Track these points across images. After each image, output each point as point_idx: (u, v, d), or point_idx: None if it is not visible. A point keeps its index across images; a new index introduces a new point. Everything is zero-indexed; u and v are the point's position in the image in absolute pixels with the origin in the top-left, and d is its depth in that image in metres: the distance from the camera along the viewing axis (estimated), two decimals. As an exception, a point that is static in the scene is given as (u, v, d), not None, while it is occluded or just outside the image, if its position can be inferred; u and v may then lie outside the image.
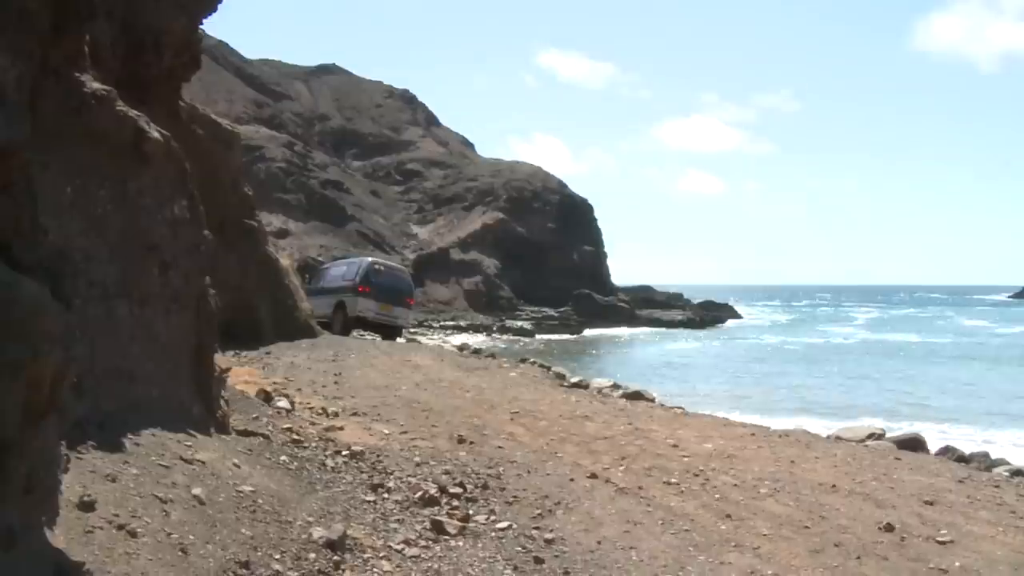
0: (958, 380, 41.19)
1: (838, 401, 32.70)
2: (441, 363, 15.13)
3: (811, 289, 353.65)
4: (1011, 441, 23.82)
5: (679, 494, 7.78)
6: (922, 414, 28.98)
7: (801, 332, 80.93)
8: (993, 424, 27.22)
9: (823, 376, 42.67)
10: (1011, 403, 32.91)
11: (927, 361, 51.88)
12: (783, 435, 11.05)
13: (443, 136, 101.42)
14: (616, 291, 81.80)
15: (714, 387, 36.41)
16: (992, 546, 6.83)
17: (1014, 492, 8.74)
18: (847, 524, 7.21)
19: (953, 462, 10.77)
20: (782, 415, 25.67)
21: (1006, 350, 61.46)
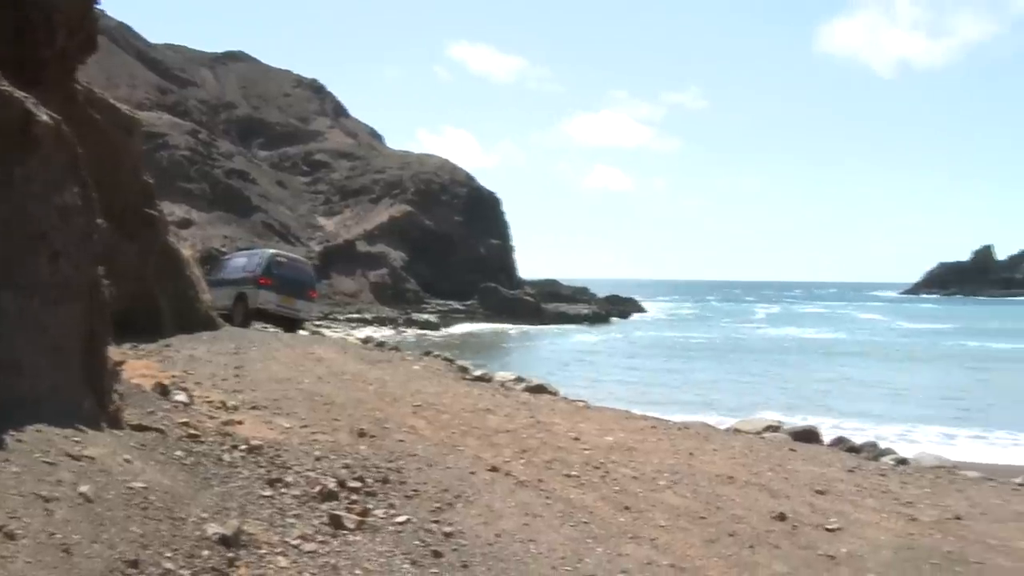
0: (853, 374, 42.48)
1: (738, 395, 33.42)
2: (344, 356, 14.98)
3: (715, 284, 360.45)
4: (899, 433, 24.69)
5: (579, 487, 7.85)
6: (818, 407, 29.80)
7: (704, 327, 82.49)
8: (884, 416, 28.14)
9: (724, 370, 43.54)
10: (901, 396, 34.09)
11: (824, 355, 53.33)
12: (683, 428, 11.24)
13: (351, 127, 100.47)
14: (522, 284, 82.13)
15: (617, 381, 36.86)
16: (877, 532, 7.07)
17: (898, 480, 9.07)
18: (742, 514, 7.38)
19: (844, 452, 11.12)
20: (683, 409, 26.13)
21: (897, 346, 63.62)
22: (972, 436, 25.15)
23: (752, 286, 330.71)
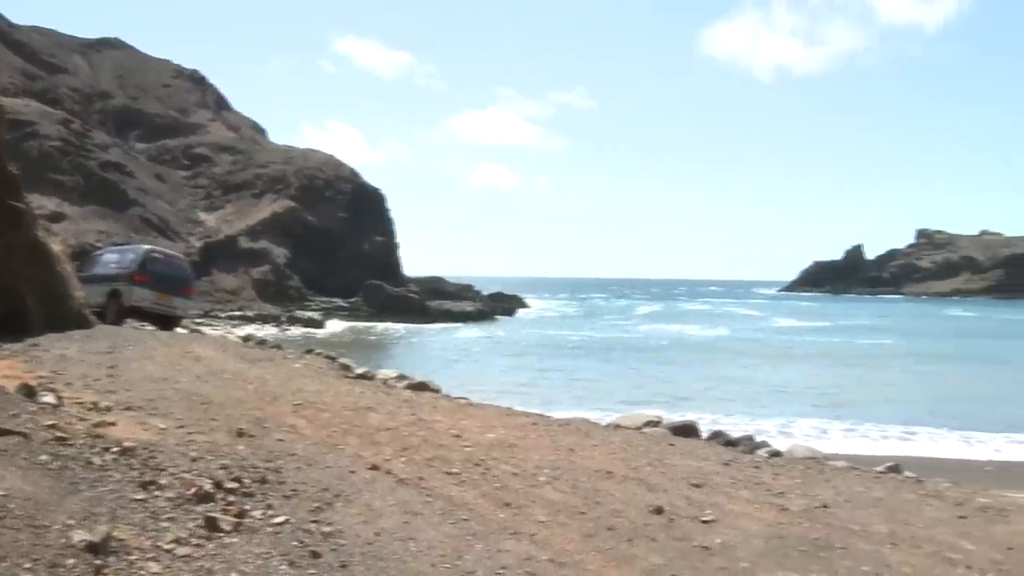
0: (733, 371, 43.65)
1: (620, 391, 33.99)
2: (224, 354, 14.68)
3: (600, 282, 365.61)
4: (776, 427, 25.54)
5: (459, 484, 7.87)
6: (698, 403, 30.55)
7: (588, 324, 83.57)
8: (762, 411, 29.04)
9: (607, 367, 44.23)
10: (778, 392, 35.21)
11: (706, 352, 54.67)
12: (563, 424, 11.37)
13: (234, 120, 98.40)
14: (407, 282, 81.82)
15: (500, 378, 37.11)
16: (749, 522, 7.29)
17: (771, 472, 9.37)
18: (621, 508, 7.51)
19: (721, 446, 11.42)
20: (565, 405, 26.48)
21: (774, 343, 65.61)
22: (844, 429, 26.19)
23: (637, 284, 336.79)
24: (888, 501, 8.39)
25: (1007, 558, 6.61)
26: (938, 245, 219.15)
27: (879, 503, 8.28)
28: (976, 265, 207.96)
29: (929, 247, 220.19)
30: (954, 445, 24.33)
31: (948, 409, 30.40)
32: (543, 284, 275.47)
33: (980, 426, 26.71)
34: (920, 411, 29.93)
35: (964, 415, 28.78)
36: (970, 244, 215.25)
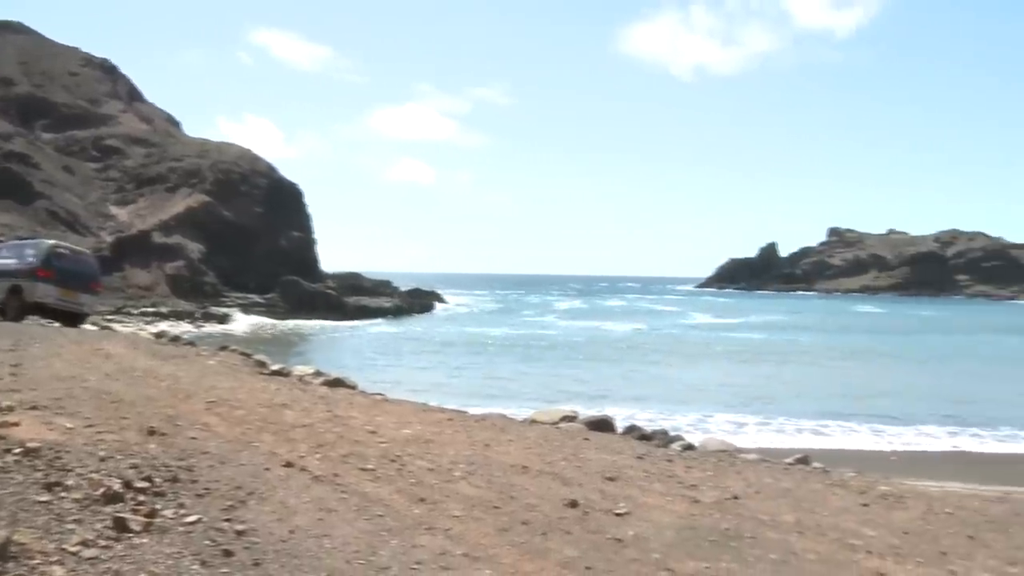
0: (651, 366, 44.21)
1: (538, 386, 34.18)
2: (135, 351, 14.39)
3: (519, 279, 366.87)
4: (691, 421, 25.98)
5: (375, 480, 7.85)
6: (615, 398, 30.89)
7: (506, 320, 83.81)
8: (679, 406, 29.48)
9: (524, 363, 44.42)
10: (696, 387, 35.76)
11: (625, 348, 55.23)
12: (480, 419, 11.42)
13: (147, 112, 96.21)
14: (325, 278, 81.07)
15: (416, 374, 37.04)
16: (662, 514, 7.41)
17: (684, 465, 9.53)
18: (535, 502, 7.57)
19: (636, 440, 11.58)
20: (482, 400, 26.53)
21: (690, 339, 66.59)
22: (758, 423, 26.76)
23: (556, 280, 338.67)
24: (796, 491, 8.62)
25: (904, 542, 6.85)
26: (848, 243, 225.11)
27: (787, 493, 8.49)
28: (884, 263, 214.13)
29: (840, 245, 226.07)
30: (864, 437, 25.04)
31: (859, 403, 31.26)
32: (462, 280, 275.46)
33: (890, 419, 27.53)
34: (833, 405, 30.71)
35: (875, 408, 29.63)
36: (878, 243, 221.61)
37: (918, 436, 25.46)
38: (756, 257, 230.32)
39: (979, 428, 26.54)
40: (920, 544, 6.81)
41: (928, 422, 27.36)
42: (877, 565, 6.25)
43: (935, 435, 25.61)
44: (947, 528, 7.42)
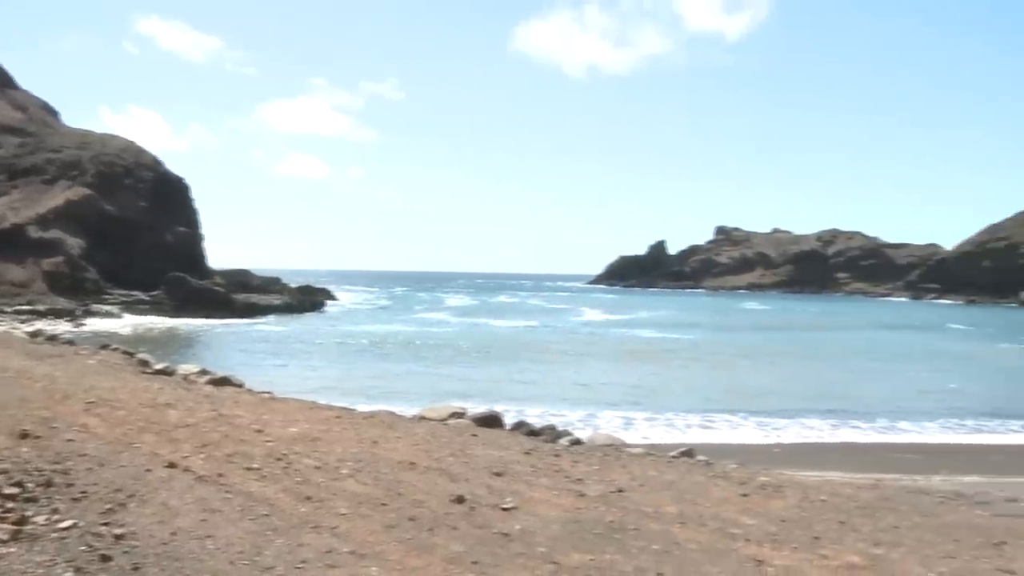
0: (542, 362, 44.54)
1: (428, 384, 34.12)
2: (7, 351, 13.90)
3: (411, 275, 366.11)
4: (580, 417, 26.28)
5: (260, 479, 7.76)
6: (506, 394, 31.01)
7: (398, 318, 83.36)
8: (570, 402, 29.76)
9: (416, 360, 44.27)
10: (583, 383, 36.16)
11: (516, 345, 55.45)
12: (368, 417, 11.37)
13: (21, 100, 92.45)
14: (212, 274, 79.35)
15: (306, 372, 36.62)
16: (548, 508, 7.51)
17: (571, 459, 9.66)
18: (423, 499, 7.58)
19: (523, 436, 11.68)
20: (371, 398, 26.38)
21: (581, 335, 67.37)
22: (646, 418, 27.19)
23: (448, 277, 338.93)
24: (679, 483, 8.83)
25: (780, 529, 7.09)
26: (735, 242, 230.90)
27: (671, 486, 8.69)
28: (769, 261, 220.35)
29: (727, 244, 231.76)
30: (749, 431, 25.68)
31: (745, 398, 32.04)
32: (353, 277, 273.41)
33: (774, 413, 28.32)
34: (720, 401, 31.40)
35: (760, 403, 30.43)
36: (764, 241, 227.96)
37: (801, 429, 26.26)
38: (646, 255, 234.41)
39: (858, 420, 27.52)
40: (795, 531, 7.06)
41: (811, 415, 28.25)
42: (755, 552, 6.46)
43: (817, 428, 26.46)
44: (821, 515, 7.70)
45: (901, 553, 6.53)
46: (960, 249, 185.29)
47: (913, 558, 6.41)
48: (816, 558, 6.34)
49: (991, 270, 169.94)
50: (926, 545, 6.80)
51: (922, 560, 6.36)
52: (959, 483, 17.79)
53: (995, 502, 15.00)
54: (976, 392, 36.29)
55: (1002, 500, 15.40)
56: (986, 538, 7.09)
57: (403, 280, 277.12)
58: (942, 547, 6.75)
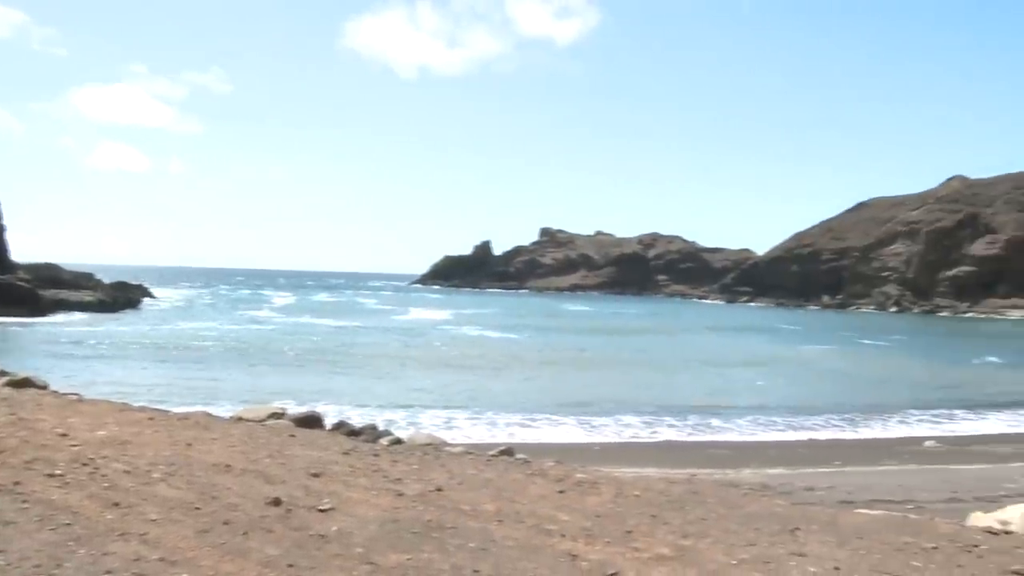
0: (367, 361, 44.22)
1: (249, 384, 33.36)
2: None
3: (235, 272, 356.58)
4: (401, 417, 26.29)
5: (63, 486, 7.38)
6: (329, 394, 30.66)
7: (219, 316, 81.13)
8: (389, 402, 29.69)
9: (237, 360, 43.19)
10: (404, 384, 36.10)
11: (339, 344, 54.78)
12: (183, 418, 11.00)
13: None
14: (16, 268, 74.90)
15: (118, 372, 35.19)
16: (366, 509, 7.46)
17: (390, 459, 9.64)
18: (237, 502, 7.39)
19: (343, 436, 11.57)
20: (188, 399, 25.59)
21: (409, 335, 67.23)
22: (469, 417, 27.46)
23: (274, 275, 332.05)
24: (497, 481, 8.93)
25: (595, 524, 7.28)
26: (559, 243, 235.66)
27: (489, 484, 8.79)
28: (592, 262, 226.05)
29: (551, 245, 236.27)
30: (570, 430, 26.27)
31: (568, 397, 32.73)
32: (175, 274, 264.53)
33: (595, 412, 29.07)
34: (542, 400, 31.96)
35: (583, 402, 31.14)
36: (586, 243, 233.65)
37: (620, 427, 27.10)
38: (471, 255, 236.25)
39: (674, 419, 28.61)
40: (609, 525, 7.26)
41: (628, 414, 29.17)
42: (569, 547, 6.60)
43: (636, 426, 27.35)
44: (634, 509, 7.95)
45: (707, 543, 6.82)
46: (770, 255, 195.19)
47: (718, 547, 6.70)
48: (628, 551, 6.54)
49: (798, 275, 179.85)
50: (730, 534, 7.12)
51: (726, 549, 6.66)
52: (766, 475, 18.80)
53: (796, 491, 15.94)
54: (782, 391, 38.34)
55: (801, 489, 16.39)
56: (783, 525, 7.48)
57: (227, 277, 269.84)
58: (744, 535, 7.09)
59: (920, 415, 31.63)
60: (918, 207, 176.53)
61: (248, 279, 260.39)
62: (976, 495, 15.58)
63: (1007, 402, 36.59)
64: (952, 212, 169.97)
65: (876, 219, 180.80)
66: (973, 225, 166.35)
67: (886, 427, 28.93)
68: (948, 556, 6.67)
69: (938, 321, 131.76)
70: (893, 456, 22.71)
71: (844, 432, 27.75)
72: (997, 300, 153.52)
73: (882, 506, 12.48)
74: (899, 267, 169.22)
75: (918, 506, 13.79)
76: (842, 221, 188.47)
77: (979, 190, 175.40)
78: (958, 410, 33.32)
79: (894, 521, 7.90)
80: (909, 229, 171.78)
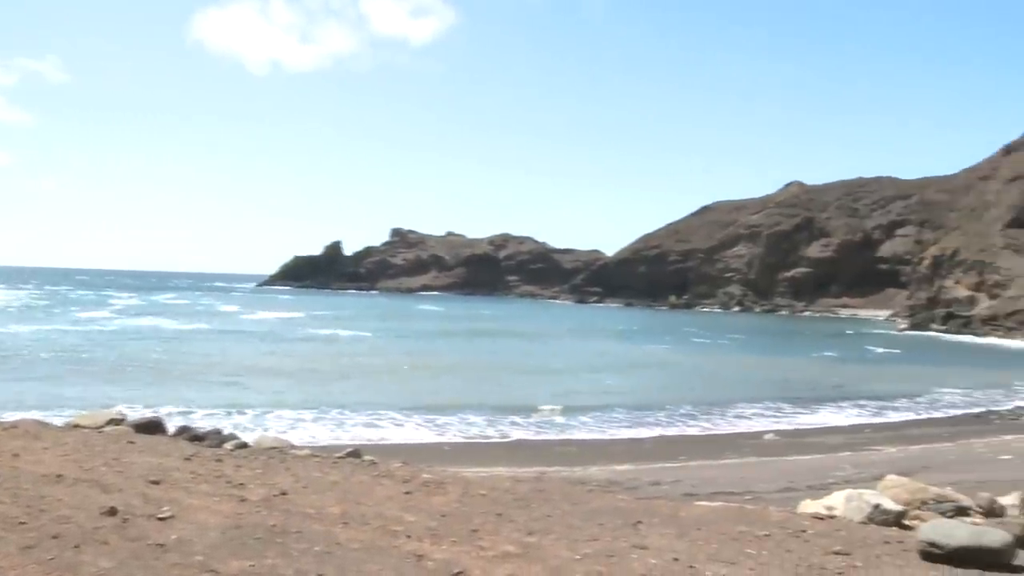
0: (210, 365, 42.98)
1: (89, 388, 32.04)
2: None
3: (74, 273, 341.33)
4: (248, 420, 25.76)
5: None
6: (172, 398, 29.68)
7: (54, 319, 77.41)
8: (235, 404, 29.00)
9: (76, 363, 41.39)
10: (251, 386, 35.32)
11: (188, 346, 53.13)
12: (10, 427, 10.49)
13: None
14: None
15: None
16: (208, 515, 7.25)
17: (234, 464, 9.41)
18: (69, 514, 7.08)
19: (186, 441, 11.23)
20: (16, 407, 24.38)
21: (256, 335, 65.92)
22: (315, 418, 27.14)
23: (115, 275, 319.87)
24: (344, 484, 8.83)
25: (440, 524, 7.28)
26: (410, 244, 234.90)
27: (335, 486, 8.68)
28: (443, 263, 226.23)
29: (402, 245, 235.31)
30: (421, 431, 26.24)
31: (418, 398, 32.63)
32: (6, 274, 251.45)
33: (447, 412, 29.13)
34: (393, 400, 31.74)
35: (433, 403, 31.09)
36: (438, 243, 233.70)
37: (465, 426, 27.32)
38: (321, 255, 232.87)
39: (518, 417, 28.96)
40: (455, 524, 7.27)
41: (474, 413, 29.40)
42: (415, 547, 6.58)
43: (480, 424, 27.62)
44: (480, 508, 7.99)
45: (551, 539, 6.91)
46: (619, 256, 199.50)
47: (562, 543, 6.80)
48: (474, 549, 6.57)
49: (646, 276, 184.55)
50: (574, 530, 7.24)
51: (570, 544, 6.76)
52: (613, 472, 19.22)
53: (642, 486, 16.35)
54: (629, 389, 39.25)
55: (647, 484, 16.82)
56: (626, 519, 7.65)
57: (67, 278, 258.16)
58: (588, 531, 7.22)
59: (761, 409, 33.01)
60: (759, 211, 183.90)
61: (91, 280, 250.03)
62: (808, 484, 16.32)
63: (839, 395, 38.64)
64: (790, 216, 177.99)
65: (720, 222, 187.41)
66: (809, 229, 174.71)
67: (729, 422, 30.02)
68: (778, 542, 6.96)
69: (778, 320, 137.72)
70: (735, 449, 23.57)
71: (689, 428, 28.65)
72: (830, 299, 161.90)
73: (723, 498, 12.90)
74: (741, 268, 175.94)
75: (756, 496, 14.35)
76: (688, 224, 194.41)
77: (814, 195, 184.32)
78: (796, 404, 34.94)
79: (731, 511, 8.19)
80: (750, 232, 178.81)
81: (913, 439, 26.12)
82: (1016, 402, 37.90)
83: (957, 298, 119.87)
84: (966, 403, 37.17)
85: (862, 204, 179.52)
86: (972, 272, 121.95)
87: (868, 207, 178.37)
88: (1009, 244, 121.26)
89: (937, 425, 30.46)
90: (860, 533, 7.21)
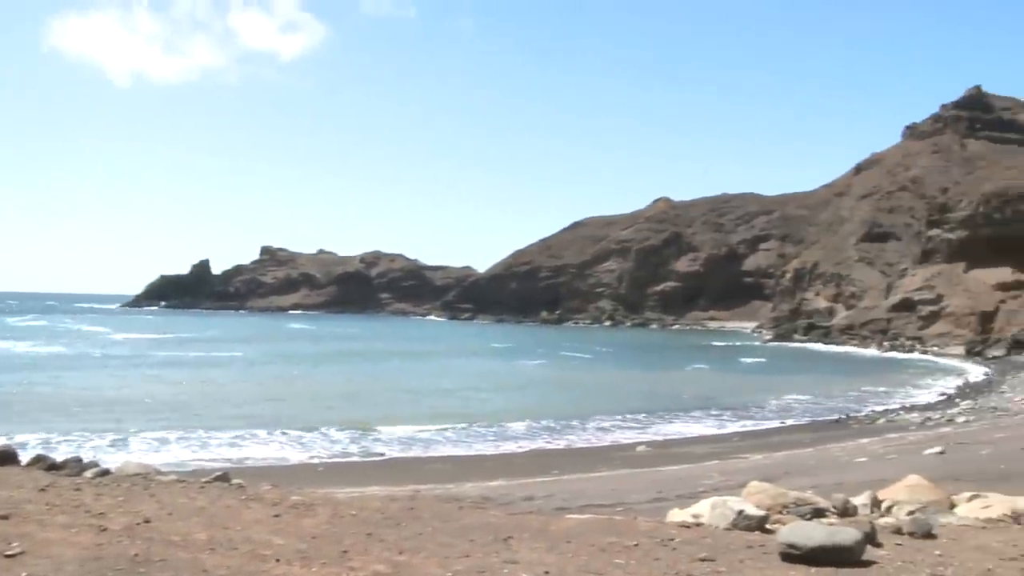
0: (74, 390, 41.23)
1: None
2: None
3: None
4: (109, 443, 24.90)
5: None
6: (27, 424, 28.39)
7: None
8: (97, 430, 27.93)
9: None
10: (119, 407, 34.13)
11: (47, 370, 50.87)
12: None
13: None
14: None
15: None
16: (64, 548, 6.92)
17: (93, 492, 9.05)
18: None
19: (41, 471, 10.72)
20: None
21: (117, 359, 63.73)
22: (180, 438, 26.51)
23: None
24: (210, 509, 8.60)
25: (310, 546, 7.16)
26: (281, 262, 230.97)
27: (202, 512, 8.44)
28: (314, 281, 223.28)
29: (272, 264, 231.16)
30: (291, 451, 25.82)
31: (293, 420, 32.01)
32: None
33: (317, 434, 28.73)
34: (263, 422, 31.09)
35: (307, 425, 30.59)
36: (309, 261, 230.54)
37: (329, 443, 27.23)
38: (188, 274, 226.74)
39: (386, 434, 28.99)
40: (325, 546, 7.16)
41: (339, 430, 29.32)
42: (285, 571, 6.46)
43: (343, 442, 27.57)
44: (350, 529, 7.89)
45: (422, 557, 6.88)
46: (491, 272, 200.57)
47: (433, 560, 6.78)
48: (344, 570, 6.48)
49: (517, 291, 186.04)
50: (445, 547, 7.22)
51: (441, 561, 6.74)
52: (487, 488, 19.24)
53: (515, 501, 16.41)
54: (501, 405, 39.39)
55: (520, 499, 16.90)
56: (496, 535, 7.68)
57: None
58: (459, 547, 7.21)
59: (632, 422, 33.73)
60: (629, 226, 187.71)
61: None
62: (678, 493, 16.65)
63: (708, 405, 39.80)
64: (659, 231, 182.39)
65: (591, 237, 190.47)
66: (677, 244, 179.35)
67: (602, 435, 30.52)
68: (646, 551, 7.09)
69: (648, 333, 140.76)
70: (607, 462, 23.91)
71: (561, 441, 28.99)
72: (699, 313, 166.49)
73: (594, 510, 13.05)
74: (612, 283, 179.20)
75: (627, 508, 14.56)
76: (559, 239, 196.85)
77: (681, 211, 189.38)
78: (667, 415, 35.88)
79: (601, 523, 8.31)
80: (621, 247, 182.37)
81: (776, 446, 27.05)
82: (871, 407, 39.77)
83: (817, 309, 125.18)
84: (825, 410, 38.82)
85: (727, 219, 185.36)
86: (831, 284, 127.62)
87: (733, 222, 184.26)
88: (863, 257, 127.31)
89: (799, 431, 31.66)
90: (725, 539, 7.42)
